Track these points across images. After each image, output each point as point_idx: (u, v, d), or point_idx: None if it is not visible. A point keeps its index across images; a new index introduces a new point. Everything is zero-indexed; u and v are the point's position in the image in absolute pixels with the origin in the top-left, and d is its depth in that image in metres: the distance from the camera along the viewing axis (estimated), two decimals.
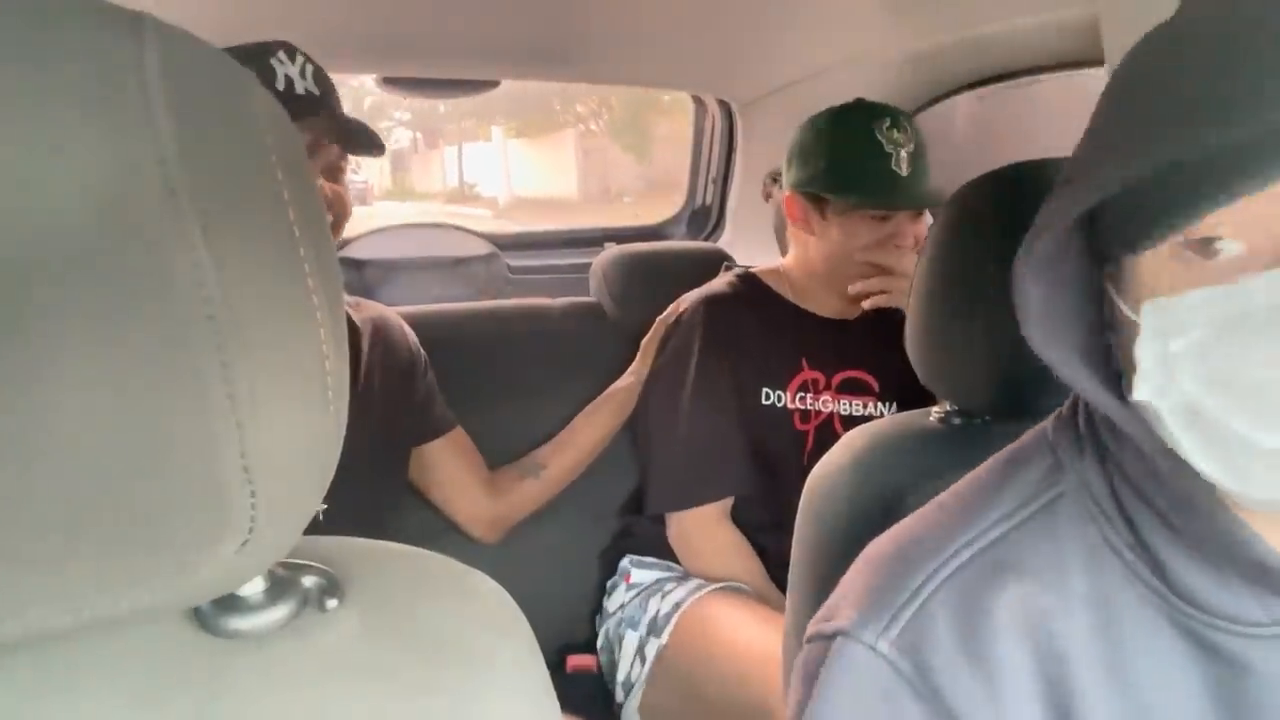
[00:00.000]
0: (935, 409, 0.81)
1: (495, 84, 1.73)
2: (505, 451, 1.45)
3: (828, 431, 1.33)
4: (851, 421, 1.32)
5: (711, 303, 1.35)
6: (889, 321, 1.38)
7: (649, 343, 1.42)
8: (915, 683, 0.45)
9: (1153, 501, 0.46)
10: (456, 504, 1.33)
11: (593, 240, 2.16)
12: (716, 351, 1.30)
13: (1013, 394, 0.70)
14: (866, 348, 1.36)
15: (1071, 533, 0.48)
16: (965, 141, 1.59)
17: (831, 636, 0.48)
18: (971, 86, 1.43)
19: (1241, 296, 0.38)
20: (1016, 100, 1.46)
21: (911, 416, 0.82)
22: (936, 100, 1.49)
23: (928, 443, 0.77)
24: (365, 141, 1.10)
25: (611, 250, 1.65)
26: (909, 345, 0.78)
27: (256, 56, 1.04)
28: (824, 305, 1.37)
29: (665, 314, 1.42)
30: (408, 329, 1.30)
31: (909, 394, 1.34)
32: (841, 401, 1.34)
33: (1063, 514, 0.49)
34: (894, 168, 1.20)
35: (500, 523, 1.36)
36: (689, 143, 1.98)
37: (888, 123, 1.21)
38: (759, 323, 1.34)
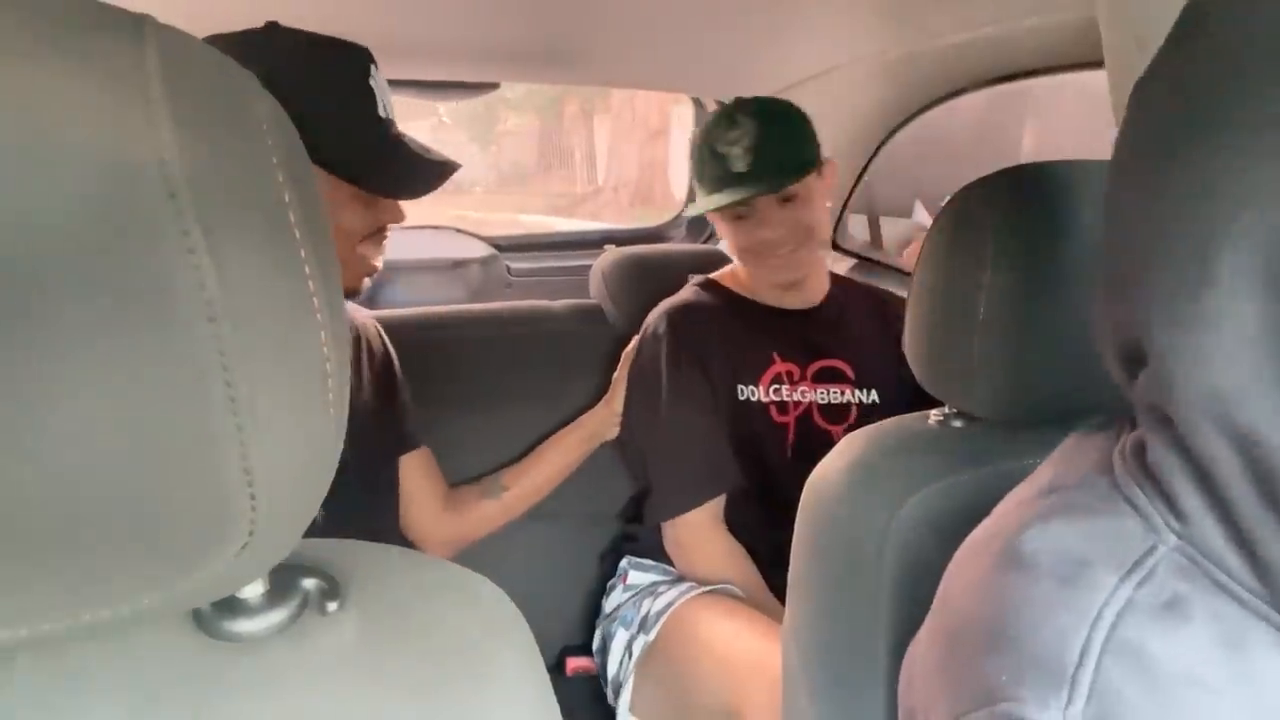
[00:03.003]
0: (934, 412, 0.81)
1: (495, 86, 1.73)
2: (504, 452, 1.45)
3: (808, 422, 1.34)
4: (831, 410, 1.35)
5: (673, 313, 1.37)
6: (854, 307, 1.43)
7: (619, 378, 1.42)
8: None
9: None
10: (414, 521, 1.30)
11: (592, 242, 2.17)
12: (684, 358, 1.32)
13: (1012, 397, 0.70)
14: (837, 335, 1.39)
15: (1184, 589, 0.45)
16: (967, 142, 1.59)
17: None
18: (973, 88, 1.43)
19: None
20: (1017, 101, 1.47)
21: (910, 419, 0.82)
22: (937, 102, 1.49)
23: (927, 446, 0.77)
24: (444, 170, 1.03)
25: (611, 252, 1.66)
26: (907, 348, 0.78)
27: (356, 71, 0.96)
28: (784, 297, 1.39)
29: (629, 347, 1.43)
30: (384, 335, 1.28)
31: (883, 378, 1.37)
32: (819, 391, 1.36)
33: (1166, 571, 0.45)
34: (730, 168, 1.26)
35: (456, 543, 1.34)
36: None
37: (723, 126, 1.28)
38: (724, 324, 1.36)
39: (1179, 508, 0.46)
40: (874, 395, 1.37)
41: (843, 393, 1.36)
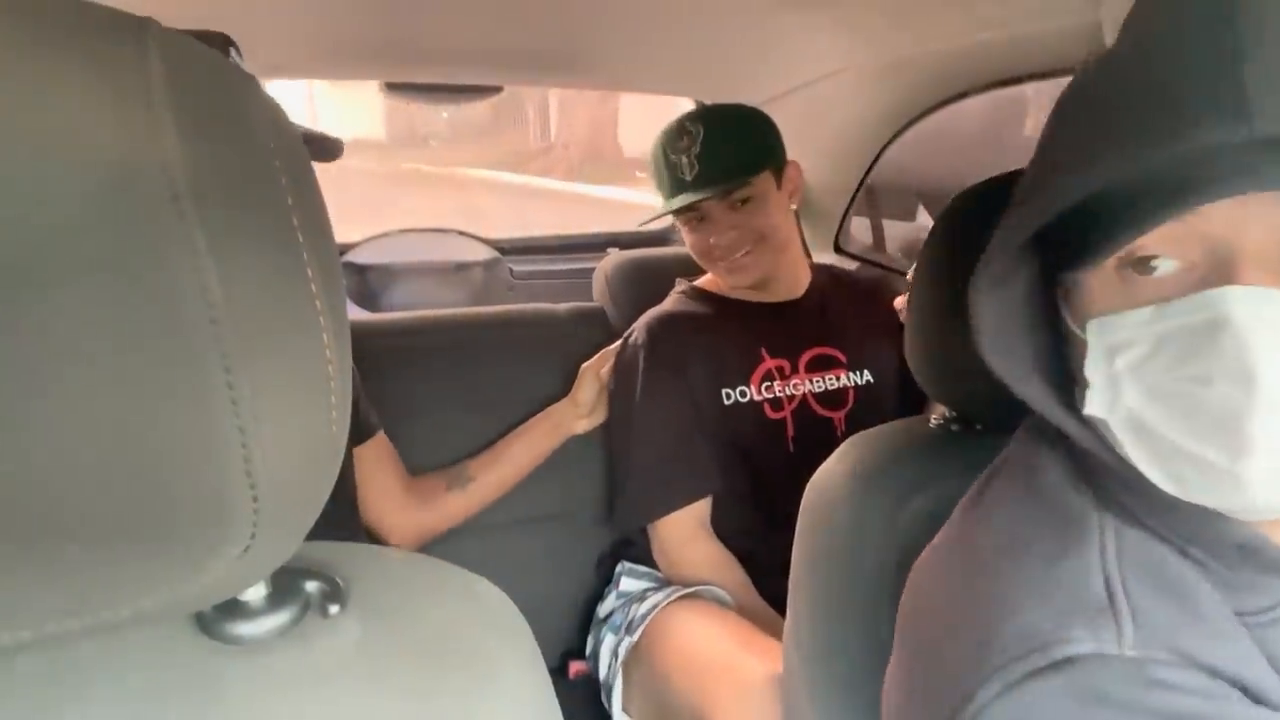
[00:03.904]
0: (934, 415, 0.81)
1: (498, 89, 1.73)
2: None
3: (806, 413, 1.34)
4: (827, 397, 1.35)
5: (654, 322, 1.38)
6: (839, 292, 1.44)
7: (585, 369, 1.42)
8: (1174, 663, 0.44)
9: (1129, 508, 0.48)
10: (378, 511, 1.28)
11: (596, 245, 2.17)
12: (662, 366, 1.33)
13: (1011, 401, 0.70)
14: (824, 322, 1.40)
15: (1156, 548, 0.49)
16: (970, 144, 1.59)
17: (1060, 664, 0.45)
18: (975, 92, 1.43)
19: (1175, 314, 0.42)
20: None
21: (910, 423, 0.82)
22: (939, 106, 1.49)
23: (927, 449, 0.77)
24: (327, 149, 1.02)
25: (615, 255, 1.66)
26: (908, 352, 0.78)
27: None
28: (769, 292, 1.40)
29: (611, 346, 1.43)
30: None
31: (875, 358, 1.39)
32: (813, 380, 1.36)
33: (1132, 523, 0.50)
34: (680, 175, 1.30)
35: (422, 533, 1.33)
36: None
37: (673, 136, 1.31)
38: (707, 328, 1.36)
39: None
40: (867, 376, 1.38)
41: (837, 378, 1.37)
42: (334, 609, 0.41)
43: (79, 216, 0.27)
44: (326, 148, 1.02)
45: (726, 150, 1.29)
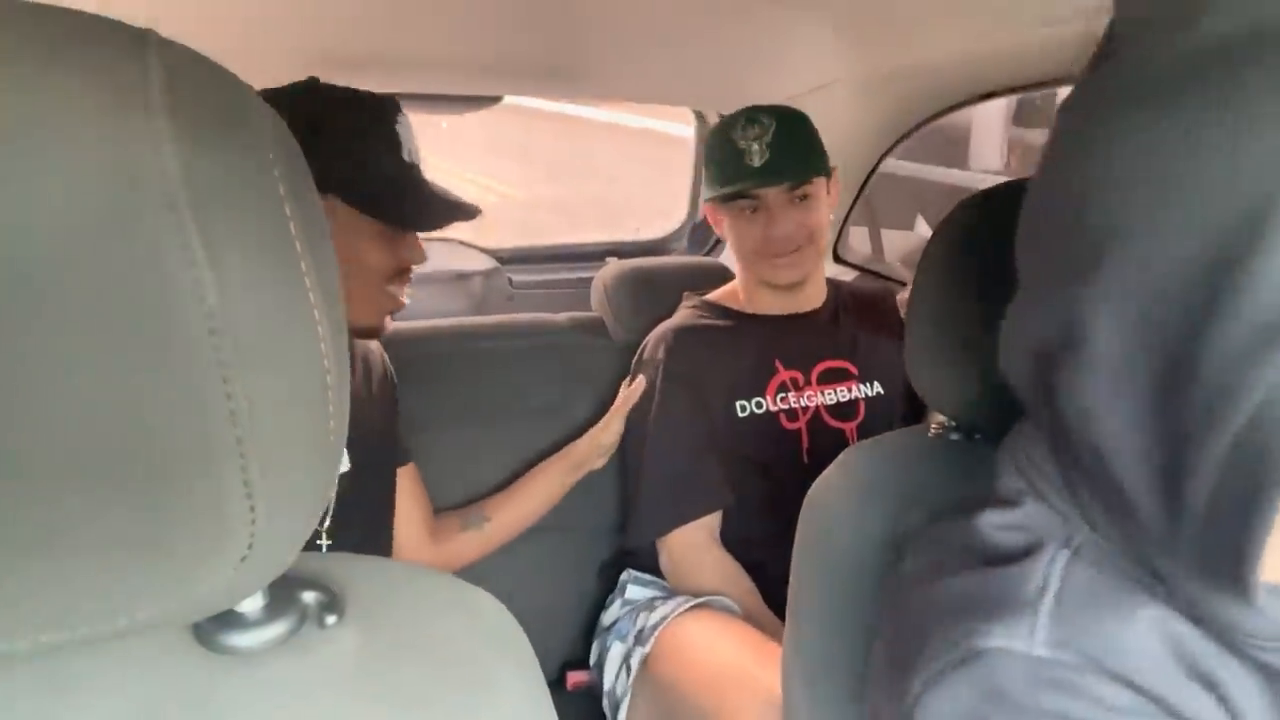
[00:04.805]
0: (933, 425, 0.80)
1: (498, 99, 1.74)
2: (505, 465, 1.45)
3: (819, 424, 1.36)
4: (839, 409, 1.37)
5: (669, 336, 1.39)
6: (850, 306, 1.45)
7: (616, 410, 1.40)
8: (1082, 667, 0.44)
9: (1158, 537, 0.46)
10: (399, 545, 1.27)
11: (595, 255, 2.17)
12: (677, 380, 1.34)
13: (1010, 410, 0.69)
14: (836, 336, 1.41)
15: (1106, 578, 0.47)
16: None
17: (968, 659, 0.45)
18: (976, 101, 1.43)
19: None
20: None
21: (909, 433, 0.82)
22: (941, 114, 1.49)
23: (926, 459, 0.77)
24: (466, 211, 1.07)
25: (613, 265, 1.66)
26: (907, 361, 0.78)
27: (382, 119, 1.02)
28: (783, 304, 1.41)
29: (633, 387, 1.42)
30: (384, 356, 1.30)
31: (885, 369, 1.40)
32: (825, 392, 1.38)
33: (1089, 561, 0.48)
34: (747, 161, 1.29)
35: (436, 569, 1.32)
36: None
37: (742, 124, 1.31)
38: (720, 342, 1.37)
39: (1081, 502, 0.49)
40: (877, 387, 1.40)
41: (849, 390, 1.38)
42: (331, 620, 0.41)
43: (76, 225, 0.27)
44: (466, 210, 1.07)
45: (797, 146, 1.30)
